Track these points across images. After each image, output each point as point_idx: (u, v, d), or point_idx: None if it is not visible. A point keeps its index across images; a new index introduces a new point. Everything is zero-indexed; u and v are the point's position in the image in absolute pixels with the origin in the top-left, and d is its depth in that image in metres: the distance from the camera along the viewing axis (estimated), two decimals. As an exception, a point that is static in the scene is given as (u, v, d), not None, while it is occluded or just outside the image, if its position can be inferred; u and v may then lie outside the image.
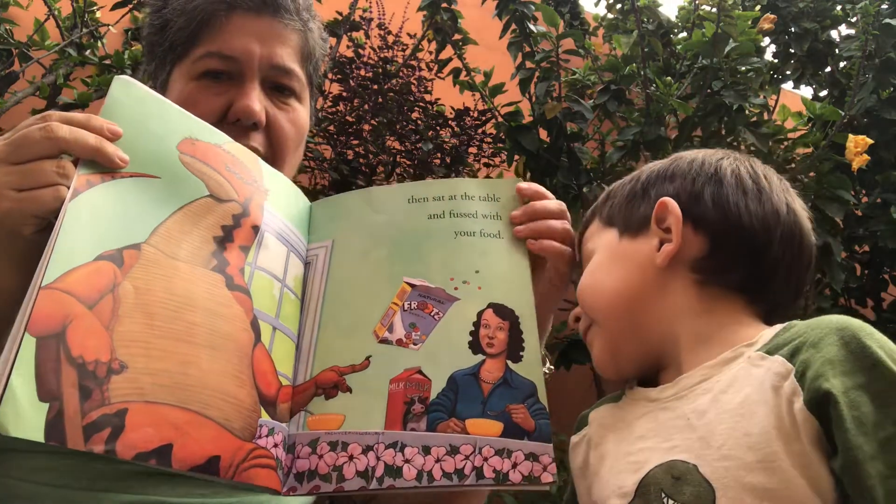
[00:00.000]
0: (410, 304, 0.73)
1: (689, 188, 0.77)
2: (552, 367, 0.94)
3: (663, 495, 0.64)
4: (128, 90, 0.68)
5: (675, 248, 0.73)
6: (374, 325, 0.73)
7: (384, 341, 0.72)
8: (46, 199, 0.61)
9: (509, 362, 0.70)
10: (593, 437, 0.79)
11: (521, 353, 0.70)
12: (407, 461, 0.65)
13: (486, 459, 0.64)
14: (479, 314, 0.72)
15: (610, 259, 0.78)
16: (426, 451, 0.65)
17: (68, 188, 0.61)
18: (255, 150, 0.88)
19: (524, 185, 0.80)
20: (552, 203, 0.82)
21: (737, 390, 0.64)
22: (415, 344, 0.71)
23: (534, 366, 0.70)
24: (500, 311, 0.72)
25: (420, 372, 0.70)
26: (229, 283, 0.68)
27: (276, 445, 0.67)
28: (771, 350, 0.65)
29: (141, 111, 0.68)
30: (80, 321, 0.56)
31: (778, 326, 0.69)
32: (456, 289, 0.74)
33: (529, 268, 0.75)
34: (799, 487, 0.57)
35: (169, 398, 0.59)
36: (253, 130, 0.88)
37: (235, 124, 0.87)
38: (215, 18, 0.87)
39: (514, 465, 0.64)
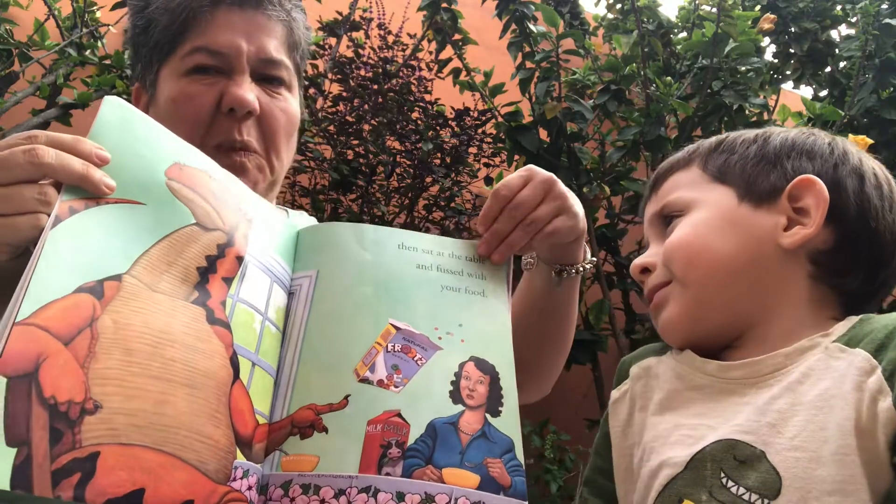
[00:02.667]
0: (394, 347, 0.72)
1: (830, 173, 0.70)
2: (594, 259, 0.92)
3: (722, 474, 0.62)
4: (117, 112, 0.66)
5: (813, 234, 0.68)
6: (355, 363, 0.71)
7: (364, 381, 0.70)
8: (23, 228, 0.58)
9: (488, 416, 0.69)
10: (637, 395, 0.76)
11: (500, 409, 0.69)
12: None
13: None
14: (461, 366, 0.71)
15: (725, 222, 0.71)
16: (400, 497, 0.63)
17: (48, 215, 0.58)
18: (248, 142, 0.88)
19: (480, 248, 0.79)
20: (502, 223, 0.78)
21: (813, 382, 0.62)
22: (396, 386, 0.70)
23: (512, 422, 0.69)
24: (482, 365, 0.72)
25: (399, 415, 0.68)
26: (210, 316, 0.66)
27: (250, 488, 0.64)
28: (850, 342, 0.62)
29: (130, 134, 0.67)
30: (54, 359, 0.53)
31: (854, 318, 0.66)
32: (440, 338, 0.73)
33: (511, 328, 0.75)
34: (859, 482, 0.57)
35: (143, 439, 0.56)
36: (246, 121, 0.88)
37: (229, 114, 0.87)
38: (200, 14, 0.86)
39: None
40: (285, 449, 0.68)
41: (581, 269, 0.88)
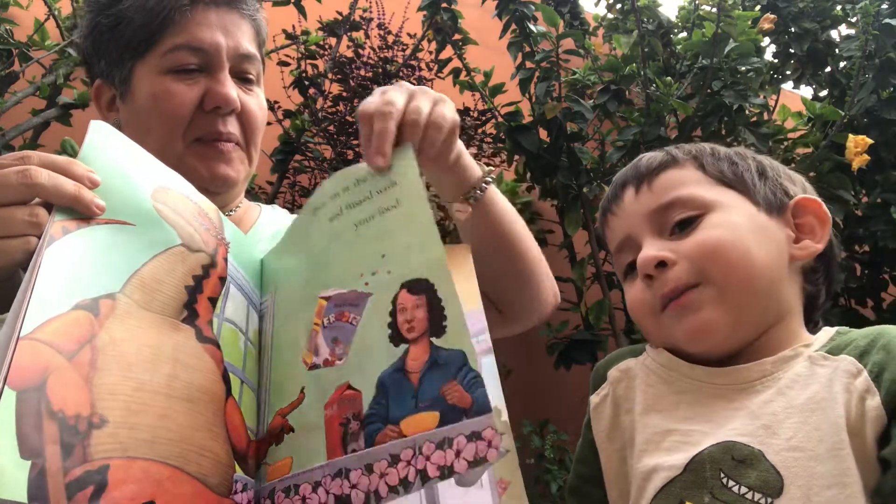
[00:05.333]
0: (329, 319, 0.70)
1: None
2: (492, 167, 0.86)
3: (722, 475, 0.63)
4: (104, 136, 0.68)
5: (820, 250, 0.75)
6: (303, 354, 0.71)
7: (313, 367, 0.69)
8: (15, 251, 0.59)
9: (433, 339, 0.64)
10: (621, 398, 0.76)
11: (444, 325, 0.64)
12: (354, 486, 0.61)
13: (428, 458, 0.60)
14: (394, 300, 0.67)
15: (757, 226, 0.73)
16: (369, 469, 0.61)
17: (38, 237, 0.58)
18: (231, 134, 0.90)
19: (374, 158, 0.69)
20: (373, 129, 0.70)
21: (802, 387, 0.66)
22: (339, 359, 0.68)
23: (460, 334, 0.63)
24: (414, 287, 0.66)
25: (350, 387, 0.66)
26: (199, 335, 0.67)
27: (249, 502, 0.65)
28: (832, 351, 0.67)
29: (116, 157, 0.68)
30: (59, 374, 0.54)
31: (830, 330, 0.72)
32: (367, 283, 0.69)
33: (435, 224, 0.68)
34: (854, 475, 0.60)
35: (149, 453, 0.57)
36: (229, 117, 0.90)
37: (212, 112, 0.89)
38: (178, 13, 0.88)
39: (458, 453, 0.59)
40: (267, 460, 0.68)
41: (487, 181, 0.82)
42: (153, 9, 0.88)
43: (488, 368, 0.74)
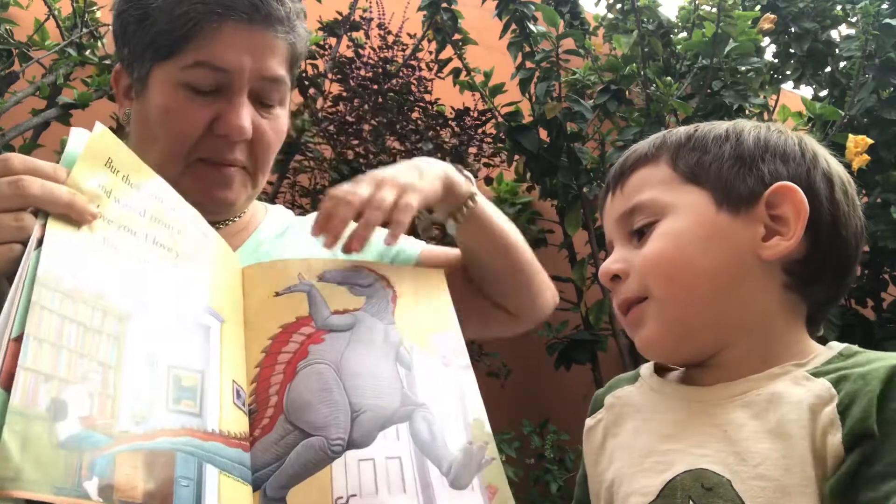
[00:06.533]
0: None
1: (804, 178, 0.68)
2: (471, 181, 0.90)
3: (691, 502, 0.62)
4: (83, 142, 0.67)
5: (793, 246, 0.66)
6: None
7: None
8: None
9: None
10: (610, 423, 0.75)
11: None
12: None
13: None
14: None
15: (706, 233, 0.68)
16: None
17: (22, 244, 0.58)
18: (236, 160, 0.87)
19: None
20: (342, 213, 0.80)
21: (775, 408, 0.62)
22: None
23: None
24: None
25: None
26: None
27: None
28: (818, 374, 0.62)
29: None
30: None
31: (838, 346, 0.66)
32: None
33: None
34: None
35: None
36: (238, 144, 0.87)
37: (222, 136, 0.85)
38: (206, 26, 0.84)
39: None
40: None
41: (467, 206, 0.88)
42: (179, 17, 0.83)
43: (468, 384, 0.76)
